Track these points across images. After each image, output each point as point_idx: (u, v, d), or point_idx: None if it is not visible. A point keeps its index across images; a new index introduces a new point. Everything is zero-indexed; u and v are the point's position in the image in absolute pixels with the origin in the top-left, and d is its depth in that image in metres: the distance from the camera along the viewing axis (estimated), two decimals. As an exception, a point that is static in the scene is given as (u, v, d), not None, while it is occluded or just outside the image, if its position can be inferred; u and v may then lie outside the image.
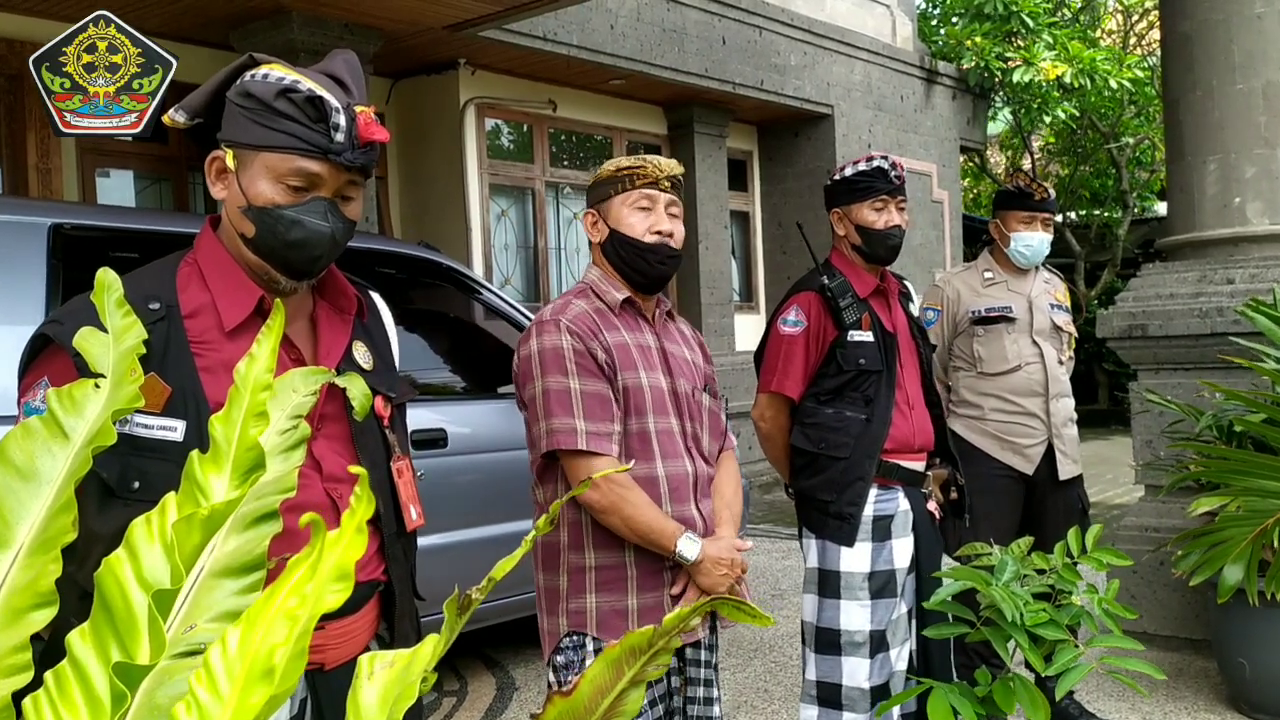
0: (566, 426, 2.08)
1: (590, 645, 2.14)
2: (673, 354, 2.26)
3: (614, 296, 2.21)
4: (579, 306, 2.19)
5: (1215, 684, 3.96)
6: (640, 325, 2.25)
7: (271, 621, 0.58)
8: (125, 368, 0.96)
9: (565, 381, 2.10)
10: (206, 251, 1.45)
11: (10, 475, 0.89)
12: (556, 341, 2.12)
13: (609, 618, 2.12)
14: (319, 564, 0.60)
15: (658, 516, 2.10)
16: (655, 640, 0.73)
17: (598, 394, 2.11)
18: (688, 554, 2.10)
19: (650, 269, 2.20)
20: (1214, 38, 4.56)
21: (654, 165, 2.21)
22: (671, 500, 2.16)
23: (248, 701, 0.54)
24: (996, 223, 3.77)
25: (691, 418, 2.24)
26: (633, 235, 2.18)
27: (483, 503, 4.04)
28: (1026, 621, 1.81)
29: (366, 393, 1.39)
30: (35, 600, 0.85)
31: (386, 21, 6.55)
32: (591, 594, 2.13)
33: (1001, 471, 3.60)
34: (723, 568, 2.13)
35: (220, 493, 0.77)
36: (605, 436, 2.09)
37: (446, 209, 8.15)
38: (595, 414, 2.10)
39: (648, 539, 2.10)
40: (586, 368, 2.11)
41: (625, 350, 2.17)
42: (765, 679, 4.32)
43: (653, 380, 2.18)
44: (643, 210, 2.20)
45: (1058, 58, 11.87)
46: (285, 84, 1.36)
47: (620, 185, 2.20)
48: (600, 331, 2.16)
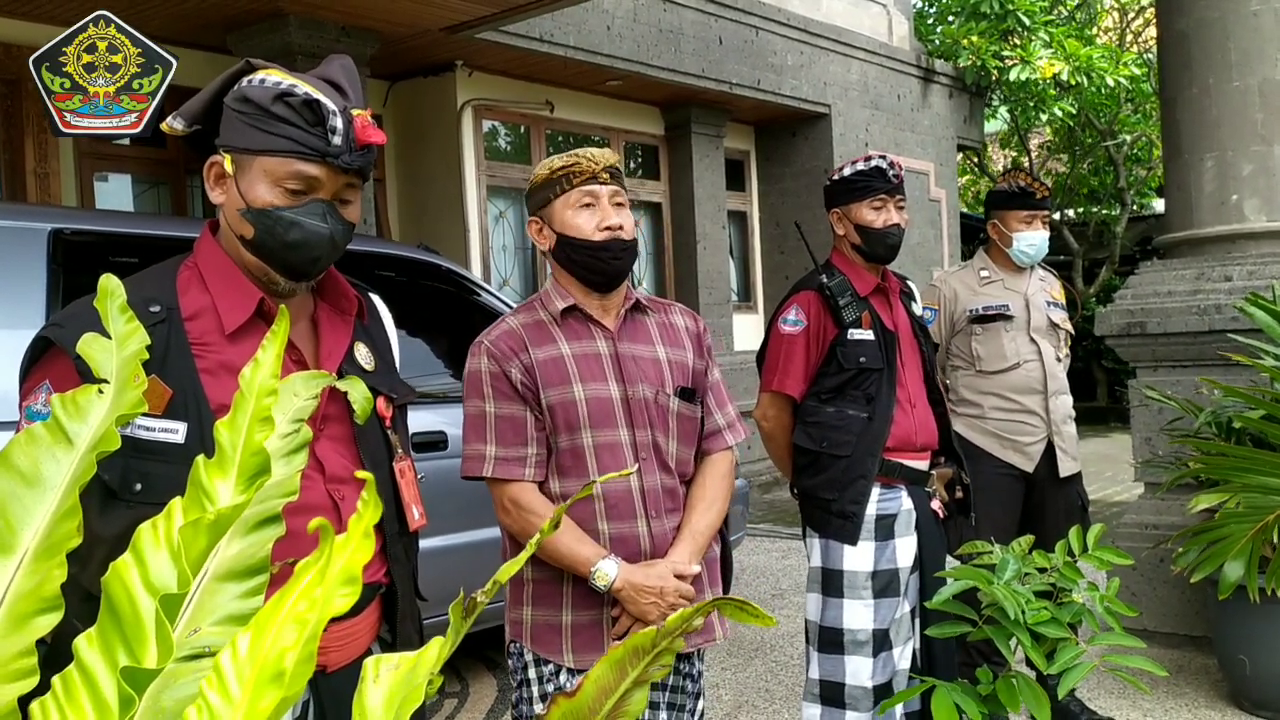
0: (476, 453, 2.07)
1: (529, 656, 2.11)
2: (633, 357, 2.13)
3: (556, 306, 2.13)
4: (509, 324, 2.13)
5: (1216, 681, 3.97)
6: (590, 332, 2.13)
7: (281, 625, 0.58)
8: (129, 373, 0.96)
9: (481, 405, 2.07)
10: (206, 255, 1.46)
11: (15, 481, 0.89)
12: (477, 365, 2.10)
13: (543, 631, 2.09)
14: (328, 568, 0.61)
15: (572, 542, 2.02)
16: (659, 640, 0.73)
17: (511, 417, 2.06)
18: (599, 583, 2.01)
19: (606, 266, 2.09)
20: (1210, 35, 4.57)
21: (588, 159, 2.10)
22: (609, 518, 2.06)
23: (258, 705, 0.55)
24: (995, 223, 3.77)
25: (652, 426, 2.10)
26: (581, 236, 2.08)
27: (482, 505, 4.04)
28: (1028, 620, 1.82)
29: (368, 396, 1.39)
30: (40, 605, 0.85)
31: (384, 24, 6.55)
32: (528, 606, 2.11)
33: (1002, 470, 3.60)
34: (649, 596, 2.00)
35: (226, 497, 0.77)
36: (517, 461, 2.05)
37: (444, 211, 8.16)
38: (507, 438, 2.05)
39: (564, 564, 2.04)
40: (502, 390, 2.06)
41: (557, 365, 2.07)
42: (766, 679, 4.32)
43: (593, 392, 2.07)
44: (586, 208, 2.09)
45: (1054, 56, 11.88)
46: (282, 88, 1.37)
47: (559, 187, 2.10)
48: (524, 350, 2.08)
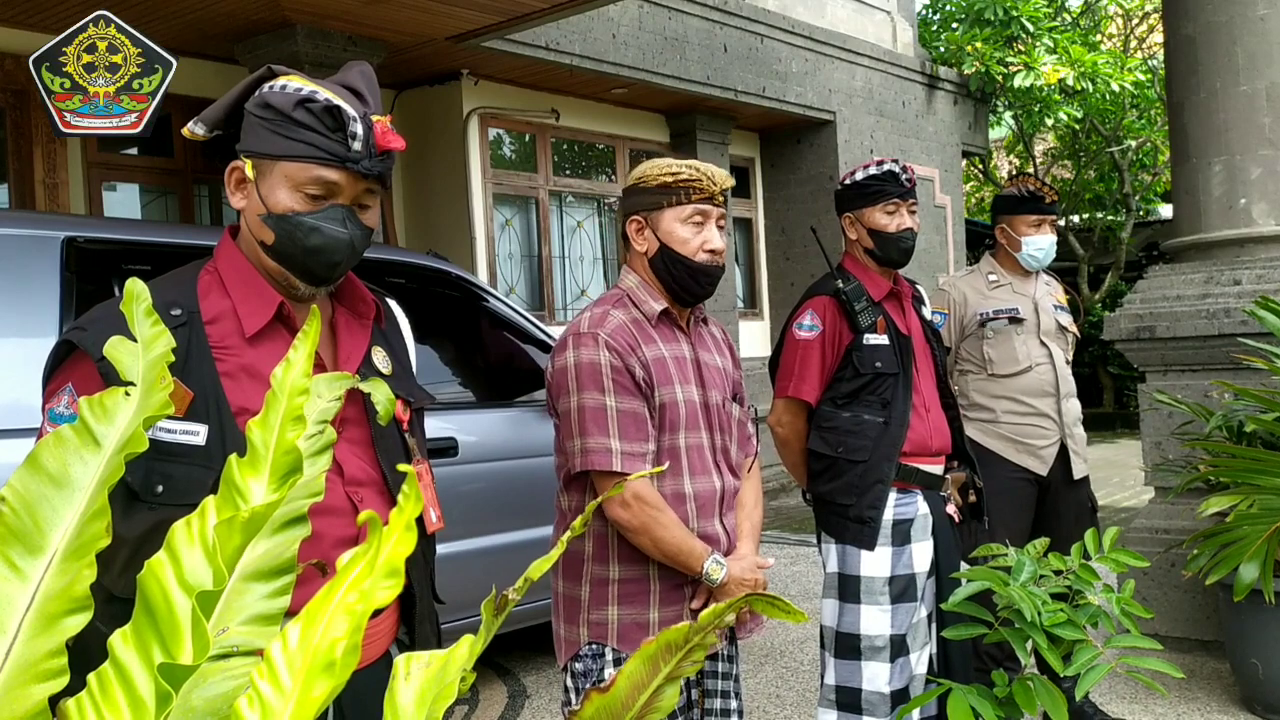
0: (601, 446, 2.04)
1: (609, 655, 2.13)
2: (706, 364, 2.21)
3: (651, 308, 2.14)
4: (617, 318, 2.12)
5: (1228, 685, 3.96)
6: (676, 336, 2.18)
7: (332, 616, 0.58)
8: (155, 375, 0.97)
9: (602, 399, 2.05)
10: (226, 260, 1.47)
11: (43, 482, 0.89)
12: (594, 356, 2.06)
13: (630, 630, 2.11)
14: (376, 559, 0.61)
15: (686, 538, 2.08)
16: (691, 636, 0.74)
17: (633, 412, 2.06)
18: (715, 576, 2.09)
19: (700, 289, 2.15)
20: (1217, 40, 4.57)
21: (709, 178, 2.11)
22: (698, 517, 2.13)
23: (309, 694, 0.55)
24: (1003, 227, 3.77)
25: (721, 430, 2.20)
26: (686, 254, 2.11)
27: (493, 511, 4.05)
28: (1045, 621, 1.82)
29: (390, 397, 1.40)
30: (70, 606, 0.85)
31: (390, 33, 6.58)
32: (614, 606, 2.12)
33: (1016, 473, 3.60)
34: (746, 588, 2.12)
35: (259, 496, 0.78)
36: (640, 457, 2.05)
37: (451, 219, 8.17)
38: (630, 433, 2.05)
39: (675, 560, 2.08)
40: (623, 385, 2.06)
41: (662, 364, 2.11)
42: (777, 684, 4.32)
43: (686, 394, 2.13)
44: (696, 225, 2.11)
45: (1059, 62, 11.89)
46: (303, 94, 1.37)
47: (674, 197, 2.11)
48: (639, 346, 2.10)
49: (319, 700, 0.55)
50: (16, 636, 0.81)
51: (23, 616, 0.82)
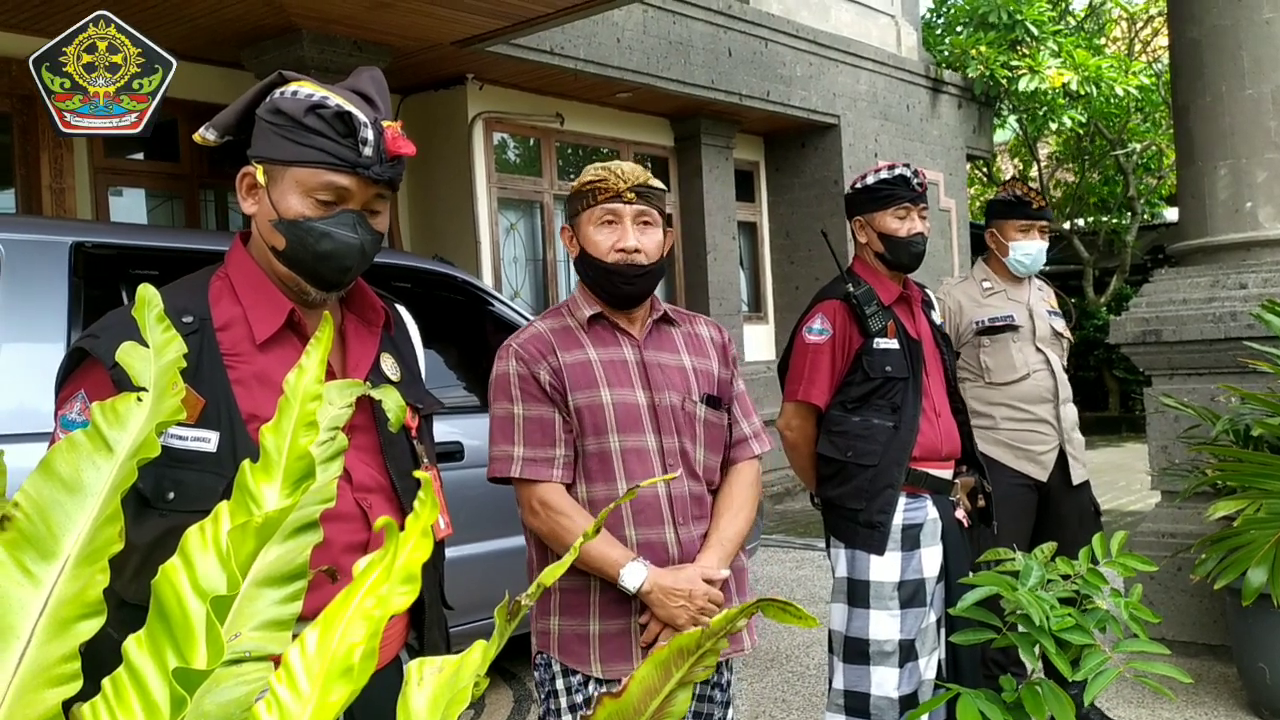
0: (504, 454, 2.07)
1: (556, 666, 2.10)
2: (659, 365, 2.14)
3: (582, 314, 2.14)
4: (538, 328, 2.15)
5: (1235, 689, 3.95)
6: (616, 339, 2.14)
7: (350, 621, 0.59)
8: (167, 381, 0.97)
9: (509, 407, 2.08)
10: (237, 266, 1.47)
11: (56, 488, 0.90)
12: (505, 368, 2.10)
13: (570, 641, 2.08)
14: (393, 565, 0.61)
15: (601, 544, 2.01)
16: (703, 642, 0.74)
17: (539, 418, 2.06)
18: (629, 585, 2.00)
19: (616, 289, 2.10)
20: (1223, 43, 4.57)
21: (615, 176, 2.08)
22: (636, 524, 2.06)
23: (327, 699, 0.55)
24: (993, 232, 3.77)
25: (679, 432, 2.10)
26: (597, 255, 2.09)
27: (500, 515, 4.05)
28: (1053, 626, 1.81)
29: (402, 405, 1.40)
30: (83, 610, 0.86)
31: (396, 38, 6.59)
32: (555, 616, 2.10)
33: (1016, 480, 3.59)
34: (678, 599, 2.00)
35: (272, 501, 0.78)
36: (545, 462, 2.05)
37: (455, 223, 8.19)
38: (535, 440, 2.06)
39: (591, 567, 2.03)
40: (530, 392, 2.07)
41: (584, 369, 2.08)
42: (783, 689, 4.31)
43: (620, 396, 2.08)
44: (607, 225, 2.09)
45: (1063, 65, 11.89)
46: (314, 100, 1.38)
47: (585, 201, 2.10)
48: (551, 353, 2.09)
49: (337, 705, 0.56)
50: (30, 641, 0.82)
51: (36, 621, 0.83)
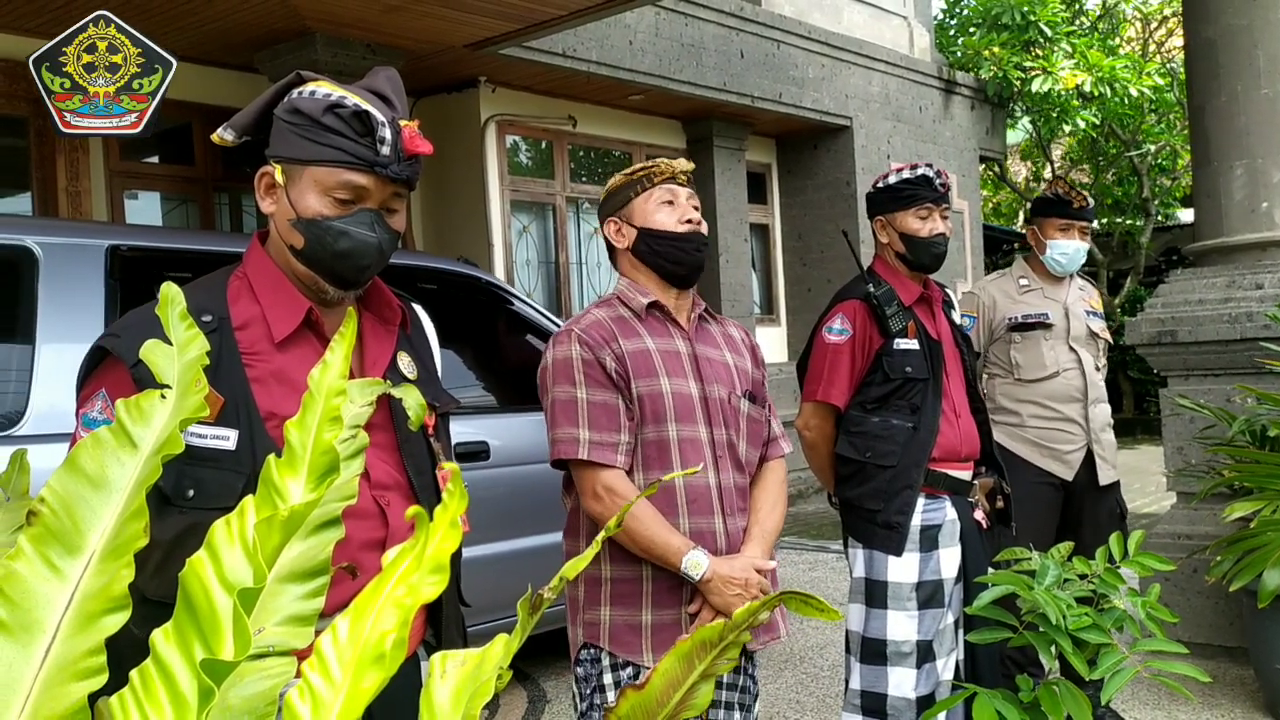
0: (569, 436, 2.08)
1: (605, 660, 2.10)
2: (708, 358, 2.21)
3: (639, 302, 2.19)
4: (596, 315, 2.18)
5: (1251, 691, 3.93)
6: (669, 331, 2.20)
7: (381, 610, 0.59)
8: (190, 378, 0.98)
9: (572, 391, 2.09)
10: (255, 265, 1.48)
11: (82, 483, 0.90)
12: (567, 352, 2.12)
13: (622, 632, 2.09)
14: (424, 554, 0.62)
15: (663, 531, 2.05)
16: (726, 634, 0.74)
17: (604, 403, 2.08)
18: (692, 572, 2.04)
19: (688, 257, 2.18)
20: (1238, 43, 4.56)
21: (666, 163, 2.23)
22: (690, 513, 2.10)
23: (359, 686, 0.56)
24: (1033, 229, 3.77)
25: (726, 425, 2.17)
26: (664, 228, 2.18)
27: (527, 514, 4.12)
28: (1070, 625, 1.81)
29: (422, 403, 1.41)
30: (108, 605, 0.86)
31: (409, 41, 6.61)
32: (606, 606, 2.10)
33: (1041, 478, 3.58)
34: (735, 588, 2.05)
35: (297, 495, 0.79)
36: (609, 446, 2.06)
37: (468, 225, 8.21)
38: (600, 424, 2.07)
39: (652, 554, 2.05)
40: (594, 377, 2.09)
41: (644, 357, 2.13)
42: (797, 690, 4.31)
43: (677, 386, 2.13)
44: (668, 204, 2.20)
45: (1077, 66, 11.85)
46: (332, 100, 1.39)
47: (639, 186, 2.21)
48: (614, 340, 2.13)
49: (369, 692, 0.56)
50: (56, 635, 0.82)
51: (62, 615, 0.84)
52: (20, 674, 0.77)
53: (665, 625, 2.09)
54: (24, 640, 0.77)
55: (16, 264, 3.03)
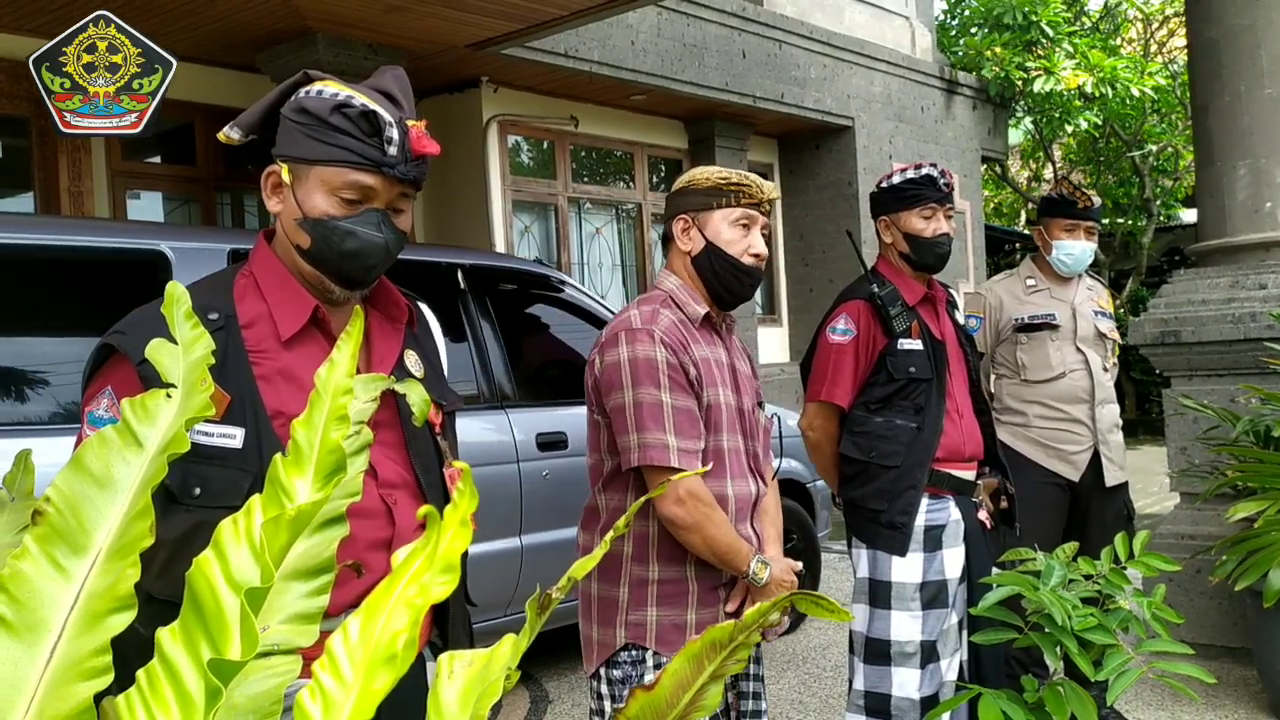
0: (659, 442, 2.04)
1: (650, 660, 2.12)
2: (739, 370, 2.25)
3: (695, 310, 2.18)
4: (668, 317, 2.14)
5: (1255, 692, 3.92)
6: (715, 340, 2.22)
7: (392, 610, 0.59)
8: (196, 377, 0.98)
9: (658, 395, 2.06)
10: (262, 264, 1.48)
11: (87, 483, 0.90)
12: (650, 352, 2.08)
13: (668, 632, 2.11)
14: (435, 554, 0.61)
15: (736, 537, 2.11)
16: (736, 635, 0.74)
17: (688, 410, 2.08)
18: (760, 576, 2.11)
19: (742, 290, 2.20)
20: (1241, 43, 4.55)
21: (758, 186, 2.19)
22: (735, 520, 2.15)
23: (371, 686, 0.55)
24: (1040, 229, 3.76)
25: (752, 436, 2.23)
26: (732, 254, 2.17)
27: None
28: (1075, 626, 1.80)
29: (425, 399, 1.41)
30: (114, 604, 0.86)
31: (410, 41, 6.61)
32: (653, 607, 2.11)
33: (1047, 479, 3.58)
34: (785, 589, 2.13)
35: (304, 494, 0.78)
36: (694, 454, 2.07)
37: (470, 225, 8.20)
38: (685, 430, 2.07)
39: (723, 558, 2.09)
40: (678, 382, 2.08)
41: (709, 365, 2.15)
42: (800, 690, 4.30)
43: (726, 397, 2.16)
44: (743, 228, 2.18)
45: (1078, 67, 11.84)
46: (340, 99, 1.38)
47: (724, 199, 2.18)
48: (689, 345, 2.13)
49: (380, 692, 0.56)
50: (61, 634, 0.82)
51: (68, 615, 0.83)
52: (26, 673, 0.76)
53: (707, 624, 2.11)
54: (30, 640, 0.77)
55: (153, 266, 3.38)
